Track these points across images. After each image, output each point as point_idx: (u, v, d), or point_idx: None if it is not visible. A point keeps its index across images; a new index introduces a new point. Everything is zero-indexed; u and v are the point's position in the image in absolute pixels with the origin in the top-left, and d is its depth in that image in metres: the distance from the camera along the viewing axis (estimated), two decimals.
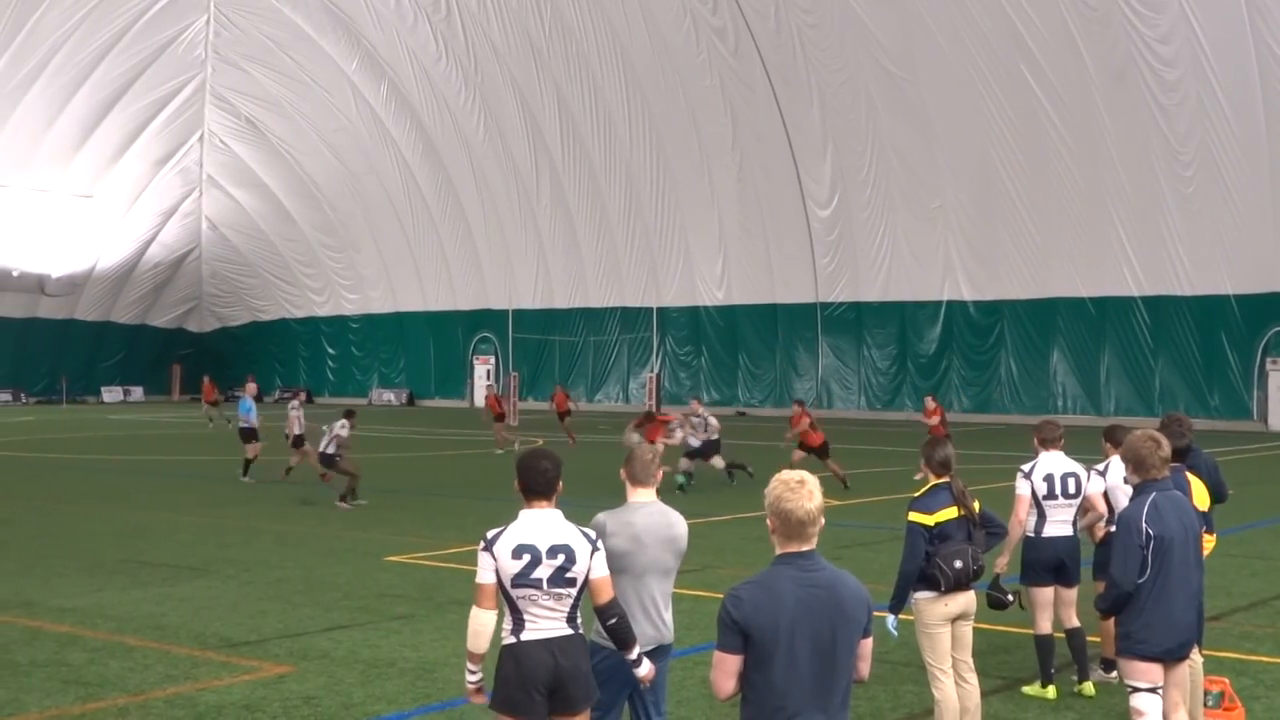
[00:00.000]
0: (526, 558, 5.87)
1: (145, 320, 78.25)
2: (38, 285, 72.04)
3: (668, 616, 6.63)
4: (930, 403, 28.76)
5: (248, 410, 26.44)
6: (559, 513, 6.07)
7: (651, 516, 6.59)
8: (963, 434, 42.27)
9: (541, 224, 63.95)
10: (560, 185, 62.25)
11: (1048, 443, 9.68)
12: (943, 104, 49.70)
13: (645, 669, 6.23)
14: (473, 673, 6.17)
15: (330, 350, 76.48)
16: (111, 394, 74.40)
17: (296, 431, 24.99)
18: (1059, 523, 9.48)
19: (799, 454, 24.67)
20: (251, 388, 28.12)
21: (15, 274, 70.30)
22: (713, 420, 25.11)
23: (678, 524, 6.64)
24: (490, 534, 6.01)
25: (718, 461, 24.74)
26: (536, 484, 6.03)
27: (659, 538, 6.55)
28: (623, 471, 6.77)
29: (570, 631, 5.95)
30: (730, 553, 16.42)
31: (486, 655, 6.14)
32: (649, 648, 6.41)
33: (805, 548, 4.76)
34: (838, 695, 4.73)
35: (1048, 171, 48.76)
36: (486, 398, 39.82)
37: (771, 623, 4.62)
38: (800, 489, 4.75)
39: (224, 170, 72.75)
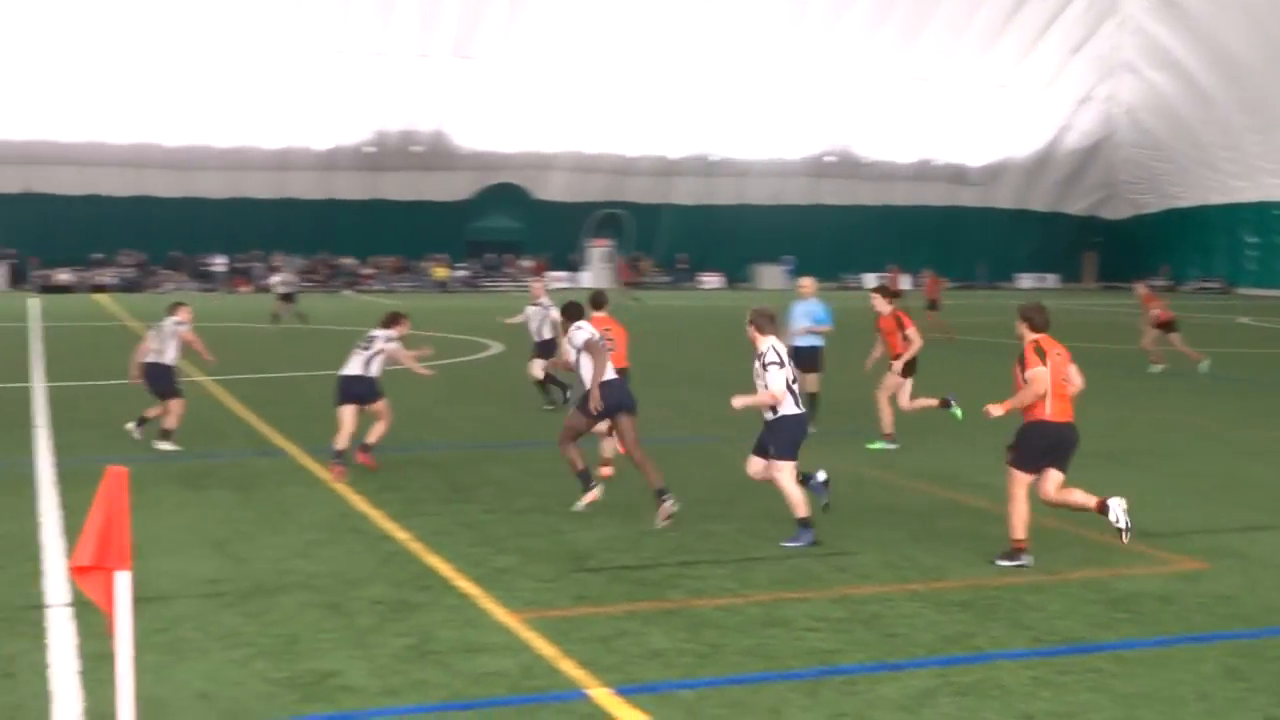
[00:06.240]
0: None
1: (1059, 208, 79.22)
2: (957, 175, 75.46)
3: None
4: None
5: None
6: None
7: None
8: None
9: None
10: None
11: None
12: None
13: None
14: None
15: (1250, 239, 72.44)
16: (1025, 281, 76.16)
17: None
18: None
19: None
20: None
21: (937, 164, 74.31)
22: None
23: None
24: None
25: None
26: None
27: None
28: None
29: None
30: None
31: None
32: None
33: None
34: None
35: None
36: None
37: None
38: None
39: (1139, 53, 71.28)
